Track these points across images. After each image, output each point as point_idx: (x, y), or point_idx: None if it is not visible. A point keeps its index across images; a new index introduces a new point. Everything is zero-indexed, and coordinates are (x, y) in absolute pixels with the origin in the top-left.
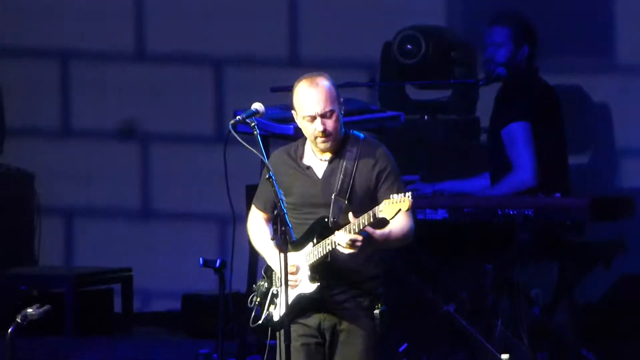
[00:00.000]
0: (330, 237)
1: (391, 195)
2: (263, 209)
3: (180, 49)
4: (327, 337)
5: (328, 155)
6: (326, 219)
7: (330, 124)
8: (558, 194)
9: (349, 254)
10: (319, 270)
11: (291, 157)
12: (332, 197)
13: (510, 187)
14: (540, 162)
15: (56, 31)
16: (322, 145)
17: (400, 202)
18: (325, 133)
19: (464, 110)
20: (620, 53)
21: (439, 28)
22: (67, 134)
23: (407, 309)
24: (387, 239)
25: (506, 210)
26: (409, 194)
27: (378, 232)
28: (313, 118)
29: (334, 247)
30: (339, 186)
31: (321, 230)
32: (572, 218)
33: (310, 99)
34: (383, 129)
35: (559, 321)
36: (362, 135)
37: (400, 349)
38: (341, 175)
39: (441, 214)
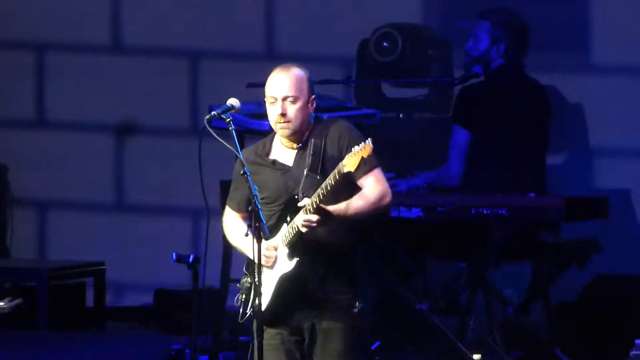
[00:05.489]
0: (301, 212)
1: (352, 148)
2: (237, 210)
3: (156, 42)
4: (306, 337)
5: (297, 144)
6: (296, 196)
7: (291, 109)
8: (532, 194)
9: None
10: (296, 247)
11: (258, 154)
12: (304, 172)
13: (436, 177)
14: (515, 161)
15: (32, 22)
16: (282, 132)
17: (360, 150)
18: (284, 117)
19: (440, 108)
20: (596, 52)
21: (415, 26)
22: (41, 125)
23: (380, 307)
24: (347, 209)
25: (480, 209)
26: (368, 140)
27: (331, 207)
28: (275, 100)
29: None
30: (309, 162)
31: (293, 209)
32: (546, 218)
33: (276, 81)
34: (358, 127)
35: (533, 321)
36: (324, 116)
37: (373, 347)
38: (311, 152)
39: (415, 212)
